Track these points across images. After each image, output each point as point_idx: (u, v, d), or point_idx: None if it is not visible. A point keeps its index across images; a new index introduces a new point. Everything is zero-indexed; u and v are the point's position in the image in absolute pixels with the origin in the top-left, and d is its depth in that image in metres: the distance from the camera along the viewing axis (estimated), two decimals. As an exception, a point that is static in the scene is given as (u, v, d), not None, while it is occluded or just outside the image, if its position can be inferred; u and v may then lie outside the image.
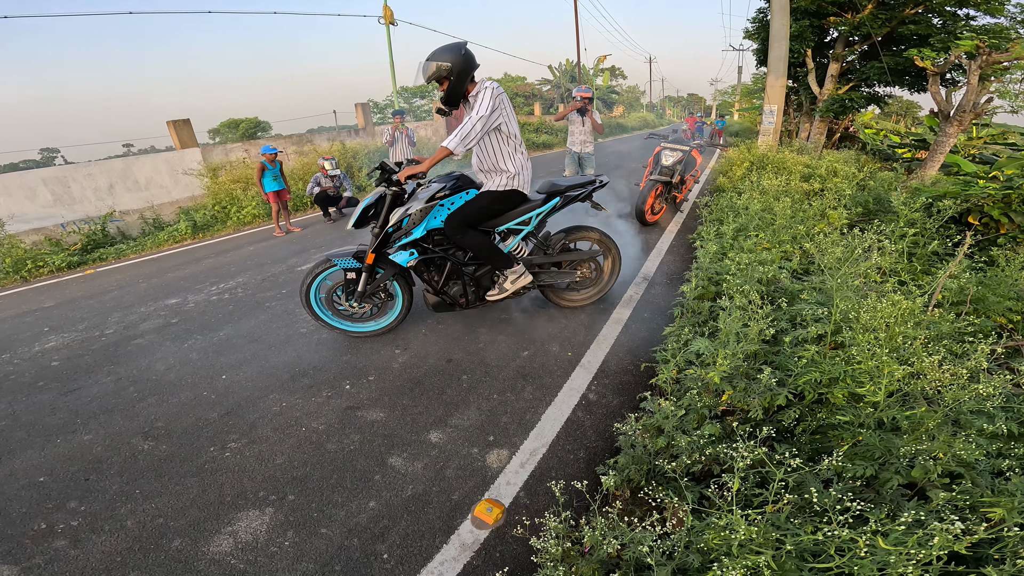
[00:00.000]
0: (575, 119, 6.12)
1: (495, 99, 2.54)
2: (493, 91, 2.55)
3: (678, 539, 1.33)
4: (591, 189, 3.11)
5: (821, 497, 1.17)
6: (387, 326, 3.26)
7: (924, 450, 1.37)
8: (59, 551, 1.81)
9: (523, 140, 2.87)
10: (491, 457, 2.14)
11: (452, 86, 2.59)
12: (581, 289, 3.48)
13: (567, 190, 3.03)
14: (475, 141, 2.55)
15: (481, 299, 3.15)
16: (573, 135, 6.23)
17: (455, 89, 2.60)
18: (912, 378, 1.56)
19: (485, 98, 2.54)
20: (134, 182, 9.23)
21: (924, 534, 0.97)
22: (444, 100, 2.67)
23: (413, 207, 2.81)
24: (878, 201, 4.67)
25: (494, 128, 2.66)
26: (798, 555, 1.17)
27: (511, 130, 2.71)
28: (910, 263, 3.08)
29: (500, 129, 2.68)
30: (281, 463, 2.19)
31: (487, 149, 2.78)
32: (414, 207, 2.81)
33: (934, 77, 6.69)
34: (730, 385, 1.85)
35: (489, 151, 2.78)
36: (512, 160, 2.79)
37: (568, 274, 3.28)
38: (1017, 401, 1.67)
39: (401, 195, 2.86)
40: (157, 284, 5.01)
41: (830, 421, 1.67)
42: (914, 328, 1.77)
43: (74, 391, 2.91)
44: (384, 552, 1.74)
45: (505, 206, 2.90)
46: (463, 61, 2.56)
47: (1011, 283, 2.55)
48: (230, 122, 36.73)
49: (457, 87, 2.60)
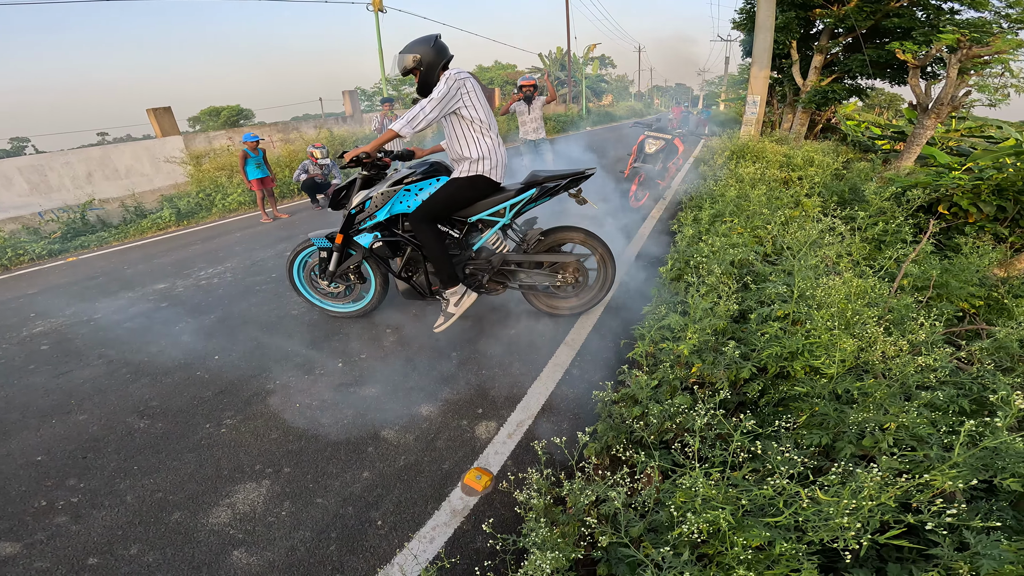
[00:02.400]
0: (522, 109, 6.09)
1: (450, 84, 2.50)
2: (448, 77, 2.51)
3: (648, 496, 1.44)
4: (570, 180, 2.82)
5: (773, 455, 1.28)
6: (363, 308, 3.32)
7: (872, 420, 1.49)
8: (60, 527, 1.86)
9: (495, 124, 2.75)
10: (480, 429, 2.24)
11: (423, 76, 2.61)
12: (566, 296, 3.16)
13: (545, 180, 2.82)
14: (424, 124, 2.49)
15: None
16: (523, 125, 6.22)
17: (426, 79, 2.61)
18: (863, 352, 1.68)
19: (440, 84, 2.52)
20: (113, 170, 9.06)
21: (856, 486, 1.08)
22: (418, 90, 2.68)
23: (375, 190, 2.80)
24: (853, 191, 4.82)
25: (453, 112, 2.61)
26: (754, 511, 1.28)
27: (474, 115, 2.62)
28: (879, 250, 3.22)
29: (461, 114, 2.62)
30: (276, 438, 2.26)
31: (451, 135, 2.73)
32: (376, 190, 2.80)
33: (914, 70, 6.86)
34: (699, 358, 1.96)
35: (452, 137, 2.72)
36: (477, 145, 2.69)
37: (546, 276, 3.01)
38: (964, 376, 1.80)
39: (371, 178, 2.85)
40: (143, 270, 4.99)
41: (791, 393, 1.79)
42: (866, 306, 1.89)
43: (65, 374, 2.94)
44: (378, 519, 1.82)
45: (472, 193, 2.77)
46: (433, 52, 2.58)
47: (973, 270, 2.69)
48: (211, 110, 35.99)
49: (428, 77, 2.61)
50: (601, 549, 1.44)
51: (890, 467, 1.24)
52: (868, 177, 5.36)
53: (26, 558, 1.74)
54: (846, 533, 1.04)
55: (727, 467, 1.36)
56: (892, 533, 1.08)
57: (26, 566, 1.70)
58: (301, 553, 1.71)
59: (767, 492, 1.18)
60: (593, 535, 1.49)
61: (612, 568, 1.41)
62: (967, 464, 1.26)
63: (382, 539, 1.75)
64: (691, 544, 1.27)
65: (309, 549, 1.72)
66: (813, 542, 1.13)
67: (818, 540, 1.11)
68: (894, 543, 1.14)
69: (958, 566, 1.05)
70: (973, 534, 1.12)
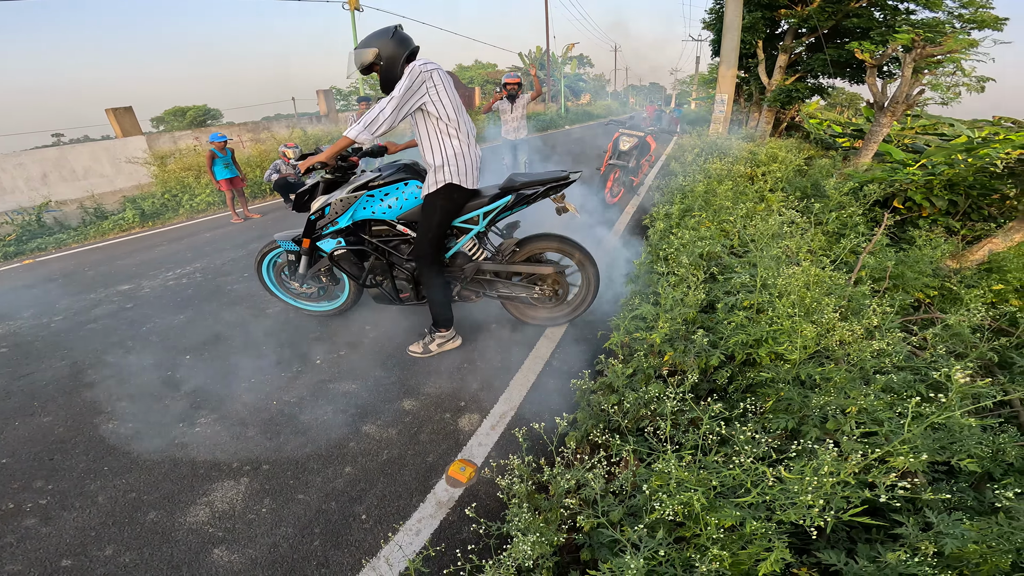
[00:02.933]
0: (504, 107, 5.89)
1: (413, 78, 2.23)
2: (412, 69, 2.24)
3: (625, 479, 1.47)
4: (550, 186, 2.60)
5: (738, 435, 1.33)
6: (337, 308, 3.27)
7: (834, 403, 1.56)
8: (30, 529, 1.80)
9: (467, 124, 2.49)
10: (463, 421, 2.25)
11: (384, 73, 2.33)
12: (546, 307, 2.98)
13: (522, 187, 2.60)
14: (385, 127, 2.24)
15: (420, 297, 2.90)
16: (506, 124, 5.99)
17: (388, 76, 2.33)
18: (823, 338, 1.76)
19: (401, 80, 2.25)
20: (71, 171, 8.72)
21: (817, 464, 1.13)
22: (382, 88, 2.41)
23: (335, 195, 2.62)
24: (815, 186, 5.01)
25: (418, 109, 2.34)
26: (726, 493, 1.33)
27: (440, 112, 2.34)
28: (838, 243, 3.35)
29: (427, 110, 2.34)
30: (253, 435, 2.22)
31: (417, 136, 2.49)
32: (336, 195, 2.62)
33: (872, 69, 7.16)
34: (671, 347, 2.02)
35: (419, 138, 2.49)
36: (443, 148, 2.42)
37: (523, 288, 2.84)
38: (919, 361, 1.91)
39: (336, 181, 2.67)
40: (106, 271, 4.79)
41: (758, 379, 1.87)
42: (825, 295, 1.98)
43: (27, 375, 2.81)
44: (362, 513, 1.82)
45: (450, 204, 2.52)
46: (393, 44, 2.30)
47: (927, 261, 2.83)
48: (176, 110, 34.78)
49: (390, 73, 2.32)
50: (584, 534, 1.48)
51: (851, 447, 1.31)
52: (829, 173, 5.57)
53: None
54: (811, 511, 1.09)
55: (698, 450, 1.41)
56: (854, 511, 1.13)
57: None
58: (284, 549, 1.69)
59: (736, 473, 1.23)
60: (575, 520, 1.52)
61: (595, 553, 1.44)
62: (924, 445, 1.34)
63: (367, 532, 1.74)
64: (666, 525, 1.31)
65: (292, 545, 1.70)
66: (783, 521, 1.18)
67: (787, 520, 1.16)
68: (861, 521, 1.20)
69: (923, 545, 1.10)
70: (935, 514, 1.19)
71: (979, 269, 3.13)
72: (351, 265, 2.84)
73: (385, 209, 2.68)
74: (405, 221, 2.69)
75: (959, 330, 2.05)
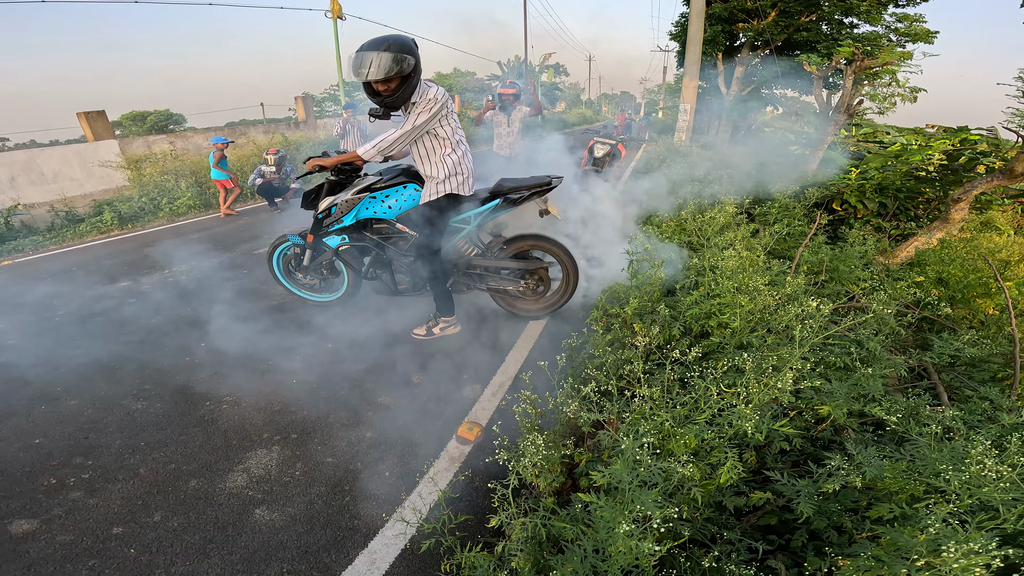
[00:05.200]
0: (500, 119, 5.36)
1: (433, 111, 2.34)
2: (433, 101, 2.32)
3: (608, 436, 1.80)
4: (534, 191, 2.84)
5: (694, 376, 1.68)
6: (338, 298, 3.54)
7: (767, 361, 1.91)
8: (77, 501, 1.95)
9: (462, 135, 2.68)
10: (466, 391, 2.57)
11: (403, 90, 2.31)
12: (531, 299, 3.28)
13: (509, 191, 2.85)
14: (396, 151, 2.40)
15: (417, 288, 3.17)
16: (499, 137, 5.47)
17: (406, 92, 2.32)
18: (757, 311, 2.13)
19: (423, 111, 2.33)
20: (39, 175, 8.56)
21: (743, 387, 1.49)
22: (389, 103, 2.36)
23: (341, 196, 2.87)
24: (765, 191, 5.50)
25: (425, 133, 2.49)
26: (687, 418, 1.67)
27: (447, 133, 2.50)
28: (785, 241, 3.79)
29: (436, 134, 2.49)
30: (279, 410, 2.46)
31: (418, 152, 2.62)
32: (342, 196, 2.87)
33: (818, 80, 7.84)
34: (640, 320, 2.38)
35: (418, 155, 2.63)
36: (444, 163, 2.60)
37: (510, 281, 3.13)
38: (847, 340, 2.27)
39: (339, 183, 2.89)
40: (95, 270, 4.84)
41: (711, 347, 2.23)
42: (756, 273, 2.37)
43: (41, 364, 2.94)
44: (386, 471, 2.08)
45: (449, 211, 2.77)
46: (417, 59, 2.30)
47: (857, 256, 3.16)
48: (134, 115, 33.29)
49: (409, 90, 2.32)
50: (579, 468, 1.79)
51: (769, 363, 1.68)
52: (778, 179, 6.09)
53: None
54: (748, 423, 1.43)
55: (664, 390, 1.74)
56: (782, 423, 1.50)
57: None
58: (319, 506, 1.91)
59: (692, 396, 1.58)
60: (572, 457, 1.83)
61: (589, 481, 1.75)
62: (843, 396, 1.71)
63: (392, 487, 2.00)
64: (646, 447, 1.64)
65: (326, 502, 1.93)
66: (733, 437, 1.53)
67: (735, 431, 1.50)
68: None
69: (853, 478, 1.39)
70: (856, 448, 1.49)
71: (906, 265, 3.57)
72: (354, 259, 3.13)
73: (386, 209, 2.95)
74: (403, 220, 2.97)
75: (882, 315, 2.45)
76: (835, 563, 1.22)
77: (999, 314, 2.75)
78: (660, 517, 1.04)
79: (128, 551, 1.74)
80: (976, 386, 2.11)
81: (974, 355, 2.16)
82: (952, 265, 3.04)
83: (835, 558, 1.23)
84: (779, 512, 1.59)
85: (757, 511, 1.66)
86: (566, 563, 1.14)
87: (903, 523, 1.24)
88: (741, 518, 1.66)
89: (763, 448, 1.84)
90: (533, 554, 1.29)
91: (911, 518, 1.25)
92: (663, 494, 1.30)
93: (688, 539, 1.50)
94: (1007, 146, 4.71)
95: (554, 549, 1.41)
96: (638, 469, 1.35)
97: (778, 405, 1.72)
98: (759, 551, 1.40)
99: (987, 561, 0.93)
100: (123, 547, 1.75)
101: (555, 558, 1.21)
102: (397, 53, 2.21)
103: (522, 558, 1.27)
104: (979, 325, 2.74)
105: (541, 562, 1.30)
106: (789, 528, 1.55)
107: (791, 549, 1.50)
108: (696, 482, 1.46)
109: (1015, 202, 5.30)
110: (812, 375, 1.86)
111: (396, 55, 2.21)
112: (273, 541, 1.77)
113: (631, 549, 1.02)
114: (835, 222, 4.60)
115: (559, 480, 1.59)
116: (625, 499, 1.13)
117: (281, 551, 1.73)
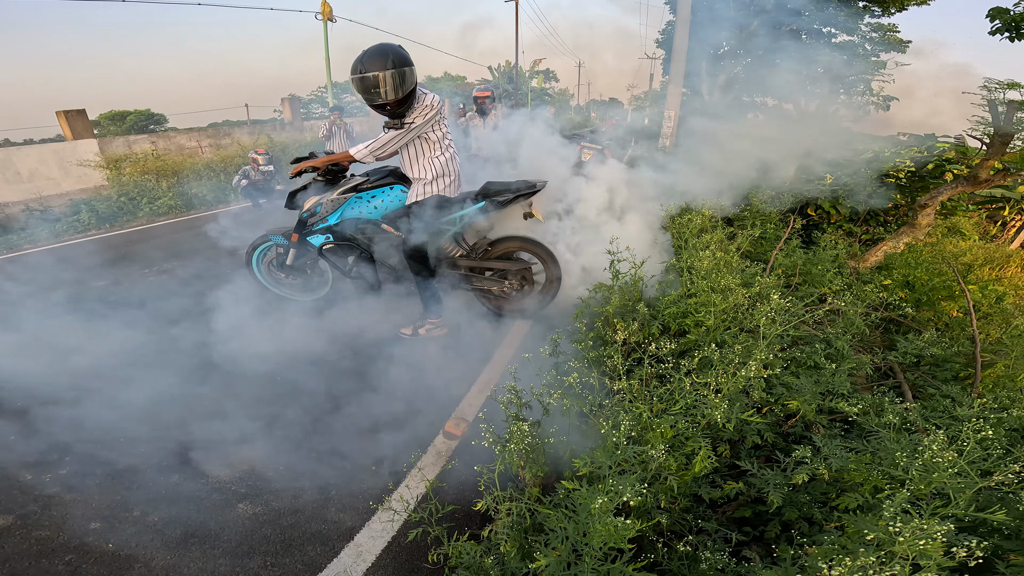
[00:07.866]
0: (476, 123, 5.51)
1: (429, 116, 2.43)
2: (429, 107, 2.42)
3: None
4: (520, 194, 2.88)
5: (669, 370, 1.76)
6: (319, 298, 3.56)
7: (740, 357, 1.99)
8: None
9: (452, 138, 2.74)
10: (453, 388, 2.61)
11: (412, 97, 2.43)
12: (515, 300, 3.29)
13: (495, 194, 2.87)
14: (389, 153, 2.48)
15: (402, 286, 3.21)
16: (478, 140, 5.62)
17: (413, 100, 2.44)
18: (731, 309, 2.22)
19: (419, 116, 2.42)
20: (15, 173, 8.42)
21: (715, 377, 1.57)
22: (399, 115, 2.49)
23: (326, 196, 2.90)
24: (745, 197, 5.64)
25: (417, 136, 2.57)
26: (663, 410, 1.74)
27: (439, 137, 2.59)
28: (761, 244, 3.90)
29: (427, 137, 2.58)
30: (265, 397, 2.49)
31: (407, 153, 2.70)
32: (327, 196, 2.90)
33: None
34: (621, 319, 2.46)
35: (406, 157, 2.69)
36: (432, 165, 2.66)
37: (493, 282, 3.17)
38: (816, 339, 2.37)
39: (325, 183, 2.92)
40: (81, 267, 4.74)
41: (688, 345, 2.31)
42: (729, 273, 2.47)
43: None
44: (372, 465, 2.11)
45: (435, 212, 2.81)
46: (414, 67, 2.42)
47: (830, 260, 3.26)
48: (112, 114, 32.46)
49: (414, 98, 2.44)
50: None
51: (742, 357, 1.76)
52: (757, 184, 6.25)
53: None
54: (719, 412, 1.50)
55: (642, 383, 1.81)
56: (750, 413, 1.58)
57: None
58: (306, 499, 1.94)
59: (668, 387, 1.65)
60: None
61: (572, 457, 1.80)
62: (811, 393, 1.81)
63: (381, 480, 2.03)
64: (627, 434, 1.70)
65: (313, 495, 1.96)
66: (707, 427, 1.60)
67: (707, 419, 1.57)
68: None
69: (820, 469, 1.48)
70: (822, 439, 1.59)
71: (875, 268, 3.71)
72: (338, 258, 3.16)
73: (372, 210, 2.98)
74: (388, 221, 3.01)
75: (853, 317, 2.55)
76: (804, 551, 1.29)
77: (962, 316, 2.89)
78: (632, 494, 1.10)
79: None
80: (939, 385, 2.22)
81: (937, 355, 2.27)
82: (918, 269, 3.18)
83: (805, 547, 1.31)
84: (753, 504, 1.67)
85: (732, 503, 1.73)
86: (549, 544, 1.20)
87: (867, 512, 1.32)
88: (717, 510, 1.73)
89: (737, 443, 1.92)
90: (518, 540, 1.34)
91: (875, 507, 1.33)
92: (641, 481, 1.36)
93: (667, 529, 1.57)
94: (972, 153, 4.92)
95: (539, 535, 1.46)
96: (616, 453, 1.41)
97: (748, 399, 1.80)
98: (732, 540, 1.48)
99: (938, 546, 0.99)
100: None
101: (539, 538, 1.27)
102: (401, 68, 2.31)
103: (508, 543, 1.32)
104: (943, 327, 2.87)
105: (526, 547, 1.35)
106: (763, 520, 1.63)
107: (765, 540, 1.58)
108: (672, 471, 1.52)
109: (980, 208, 5.54)
110: (783, 373, 1.95)
111: (400, 70, 2.31)
112: (257, 534, 1.79)
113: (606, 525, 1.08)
114: (808, 226, 4.73)
115: (543, 471, 1.65)
116: (605, 484, 1.19)
117: (265, 544, 1.75)
